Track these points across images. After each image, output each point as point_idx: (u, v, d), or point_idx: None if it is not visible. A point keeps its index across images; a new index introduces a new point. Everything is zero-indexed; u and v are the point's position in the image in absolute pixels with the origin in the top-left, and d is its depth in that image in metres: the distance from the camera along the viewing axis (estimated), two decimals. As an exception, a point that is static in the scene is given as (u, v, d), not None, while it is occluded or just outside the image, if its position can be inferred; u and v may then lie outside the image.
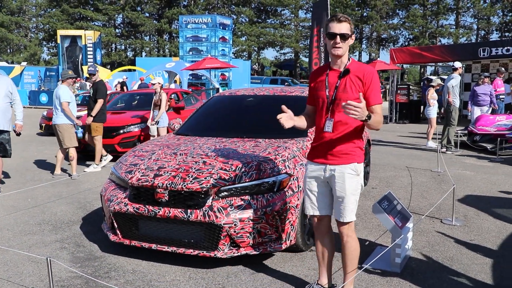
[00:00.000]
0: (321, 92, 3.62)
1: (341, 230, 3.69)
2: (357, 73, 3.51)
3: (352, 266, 3.72)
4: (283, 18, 58.34)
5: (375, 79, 3.50)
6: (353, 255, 3.71)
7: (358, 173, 3.61)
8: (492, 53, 17.34)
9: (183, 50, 31.49)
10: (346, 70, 3.53)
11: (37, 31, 61.25)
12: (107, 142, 10.56)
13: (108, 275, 4.46)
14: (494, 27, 52.74)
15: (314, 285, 3.99)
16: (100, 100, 9.42)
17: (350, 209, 3.60)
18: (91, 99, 9.59)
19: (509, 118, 12.67)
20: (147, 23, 56.11)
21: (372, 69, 3.57)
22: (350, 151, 3.56)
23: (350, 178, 3.56)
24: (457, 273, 4.44)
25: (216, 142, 5.40)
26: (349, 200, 3.58)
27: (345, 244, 3.70)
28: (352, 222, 3.67)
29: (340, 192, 3.58)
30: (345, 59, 3.58)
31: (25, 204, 7.05)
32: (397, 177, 8.74)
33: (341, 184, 3.56)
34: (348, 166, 3.56)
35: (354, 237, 3.71)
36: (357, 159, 3.58)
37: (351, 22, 3.52)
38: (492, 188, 7.90)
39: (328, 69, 3.65)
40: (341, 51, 3.50)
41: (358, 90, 3.47)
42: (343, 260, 3.75)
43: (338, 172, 3.56)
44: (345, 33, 3.46)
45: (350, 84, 3.50)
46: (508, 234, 5.57)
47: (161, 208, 4.47)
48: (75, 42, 36.65)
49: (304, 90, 6.55)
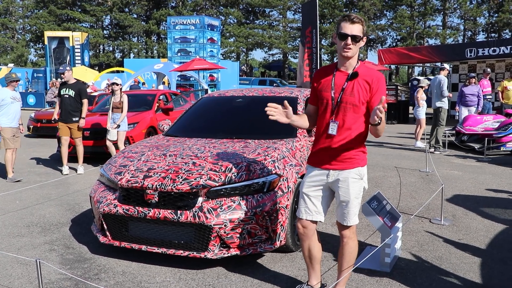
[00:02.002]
0: (326, 93, 3.54)
1: (343, 233, 3.66)
2: (366, 77, 3.44)
3: (347, 267, 3.72)
4: (271, 19, 58.43)
5: (382, 85, 3.44)
6: (351, 256, 3.70)
7: (362, 177, 3.58)
8: (479, 53, 17.50)
9: (172, 51, 31.42)
10: (355, 73, 3.46)
11: (24, 32, 60.81)
12: (95, 143, 10.53)
13: (98, 277, 4.44)
14: (481, 27, 53.23)
15: (304, 285, 3.98)
16: (86, 100, 9.35)
17: (354, 212, 3.58)
18: (73, 100, 9.30)
19: (496, 118, 12.80)
20: (135, 24, 55.88)
21: (381, 75, 3.51)
22: (354, 155, 3.51)
23: (354, 182, 3.54)
24: (446, 273, 4.47)
25: (205, 143, 5.39)
26: (352, 204, 3.56)
27: (345, 246, 3.68)
28: (355, 226, 3.67)
29: (344, 197, 3.55)
30: (354, 61, 3.49)
31: (14, 206, 7.00)
32: (386, 177, 8.78)
33: (345, 188, 3.53)
34: (352, 170, 3.52)
35: (354, 239, 3.70)
36: (361, 163, 3.55)
37: (365, 23, 3.43)
38: (480, 187, 7.96)
39: (335, 69, 3.56)
40: (351, 52, 3.41)
41: (365, 94, 3.42)
42: (340, 259, 3.74)
43: (342, 177, 3.53)
44: (356, 35, 3.36)
45: (358, 88, 3.43)
46: (496, 233, 5.62)
47: (151, 209, 4.46)
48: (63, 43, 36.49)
49: (293, 91, 6.56)
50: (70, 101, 9.32)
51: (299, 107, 6.03)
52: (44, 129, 15.55)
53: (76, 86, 9.39)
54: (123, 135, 9.93)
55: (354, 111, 3.44)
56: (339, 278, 3.76)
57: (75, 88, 9.37)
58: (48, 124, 15.41)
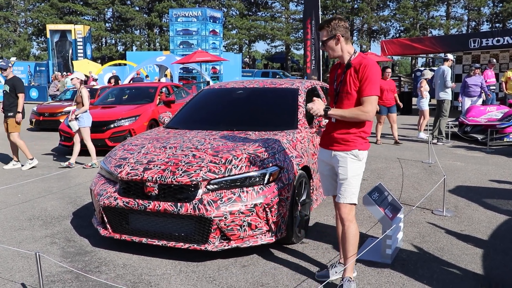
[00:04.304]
0: (331, 86, 3.98)
1: (342, 216, 3.82)
2: (356, 65, 3.73)
3: (353, 251, 3.84)
4: (274, 11, 58.19)
5: (370, 71, 3.65)
6: (354, 240, 3.84)
7: (360, 159, 3.79)
8: (483, 44, 17.35)
9: (174, 44, 31.35)
10: (348, 64, 3.79)
11: (26, 25, 60.71)
12: (97, 136, 10.52)
13: (98, 270, 4.44)
14: (485, 18, 52.88)
15: (336, 263, 4.15)
16: (22, 94, 9.12)
17: (351, 191, 3.78)
18: (9, 95, 9.09)
19: (499, 109, 12.73)
20: (137, 17, 55.77)
21: (369, 61, 3.71)
22: (353, 139, 3.76)
23: (352, 162, 3.77)
24: (448, 264, 4.45)
25: (206, 135, 5.37)
26: (350, 182, 3.77)
27: (347, 230, 3.82)
28: (353, 208, 3.83)
29: (343, 175, 3.77)
30: (347, 55, 3.82)
31: (15, 199, 7.00)
32: (388, 169, 8.76)
33: (343, 167, 3.77)
34: (349, 152, 3.77)
35: (355, 223, 3.86)
36: (359, 146, 3.78)
37: (332, 24, 3.76)
38: (483, 178, 7.93)
39: (339, 65, 3.95)
40: (331, 54, 3.86)
41: (354, 81, 3.71)
42: (344, 245, 3.86)
43: (341, 157, 3.79)
44: (322, 41, 3.87)
45: (349, 77, 3.75)
46: (498, 224, 5.60)
47: (151, 202, 4.45)
48: (65, 36, 36.44)
49: (294, 82, 6.53)
50: (6, 97, 9.14)
51: (300, 98, 5.99)
52: (46, 122, 15.55)
53: (11, 81, 9.15)
54: (85, 131, 9.35)
55: (348, 98, 3.75)
56: (347, 264, 3.83)
57: (10, 83, 9.15)
58: (51, 117, 15.44)
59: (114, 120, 10.83)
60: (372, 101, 3.64)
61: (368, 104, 3.63)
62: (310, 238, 5.14)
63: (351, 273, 3.87)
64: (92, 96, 16.47)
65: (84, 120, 9.28)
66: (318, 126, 5.46)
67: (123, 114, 11.06)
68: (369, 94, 3.62)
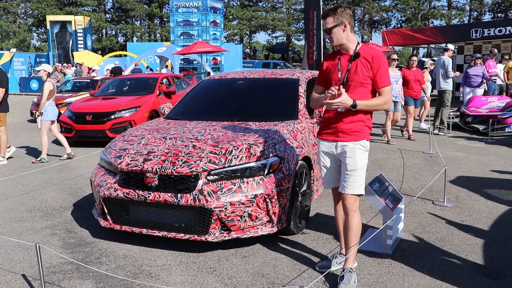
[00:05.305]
0: (334, 75, 3.84)
1: (348, 206, 3.82)
2: (366, 56, 3.73)
3: (356, 241, 3.86)
4: (275, 1, 57.90)
5: (383, 63, 3.71)
6: (357, 230, 3.86)
7: (367, 149, 3.84)
8: (485, 34, 17.28)
9: (174, 35, 31.25)
10: (357, 54, 3.76)
11: (26, 16, 60.47)
12: (98, 127, 10.52)
13: (99, 261, 4.44)
14: (487, 7, 52.61)
15: (337, 254, 4.17)
16: (3, 89, 8.86)
17: (360, 182, 3.80)
18: None
19: (501, 99, 12.68)
20: (137, 7, 55.57)
21: (381, 53, 3.77)
22: (360, 129, 3.77)
23: (361, 153, 3.79)
24: (449, 254, 4.44)
25: (206, 125, 5.35)
26: (359, 174, 3.78)
27: (351, 220, 3.83)
28: (358, 198, 3.84)
29: (351, 166, 3.77)
30: (352, 44, 3.79)
31: (16, 191, 7.00)
32: (389, 159, 8.74)
33: (352, 158, 3.76)
34: (358, 142, 3.78)
35: (358, 213, 3.88)
36: (366, 136, 3.82)
37: (338, 11, 3.73)
38: (484, 169, 7.91)
39: (339, 54, 3.88)
40: (334, 42, 3.80)
41: (367, 71, 3.71)
42: (347, 235, 3.88)
43: (350, 148, 3.78)
44: (327, 28, 3.77)
45: (360, 67, 3.73)
46: (499, 214, 5.59)
47: (151, 192, 4.45)
48: (65, 27, 36.38)
49: (295, 73, 6.50)
50: None
51: (301, 88, 5.97)
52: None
53: None
54: (44, 124, 9.04)
55: (364, 87, 3.73)
56: (349, 253, 3.84)
57: None
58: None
59: (115, 111, 10.81)
60: (390, 91, 3.74)
61: (387, 93, 3.71)
62: (310, 228, 5.13)
63: (352, 264, 3.88)
64: (92, 87, 16.51)
65: (47, 113, 9.02)
66: (318, 117, 5.44)
67: (124, 105, 11.03)
68: (386, 85, 3.71)
